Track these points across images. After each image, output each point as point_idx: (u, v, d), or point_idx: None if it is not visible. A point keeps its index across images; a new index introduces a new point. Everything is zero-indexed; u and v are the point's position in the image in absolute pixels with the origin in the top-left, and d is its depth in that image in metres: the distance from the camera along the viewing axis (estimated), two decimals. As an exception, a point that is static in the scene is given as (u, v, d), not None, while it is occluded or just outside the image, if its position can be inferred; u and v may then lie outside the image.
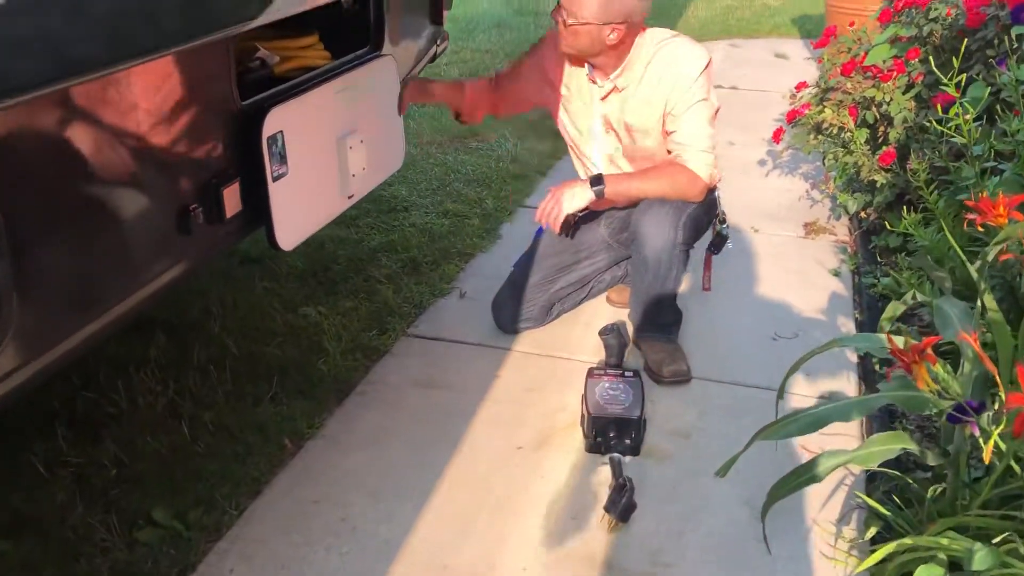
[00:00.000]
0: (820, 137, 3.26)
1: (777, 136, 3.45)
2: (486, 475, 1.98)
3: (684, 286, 2.51)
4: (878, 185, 2.95)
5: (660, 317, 2.39)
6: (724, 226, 2.45)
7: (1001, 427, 1.24)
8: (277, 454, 2.03)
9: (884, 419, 2.10)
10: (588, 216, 2.53)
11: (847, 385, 2.29)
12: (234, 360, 2.36)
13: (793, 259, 3.05)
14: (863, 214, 3.13)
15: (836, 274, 2.92)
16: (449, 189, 3.59)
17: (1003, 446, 1.35)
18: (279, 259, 2.93)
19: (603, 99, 2.33)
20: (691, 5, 7.88)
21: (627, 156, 2.39)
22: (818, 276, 2.92)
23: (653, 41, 2.26)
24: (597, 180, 2.24)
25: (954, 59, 2.13)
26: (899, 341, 1.37)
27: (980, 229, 1.58)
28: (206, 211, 1.75)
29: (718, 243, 2.46)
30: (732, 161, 3.98)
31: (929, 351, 1.28)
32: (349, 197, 2.29)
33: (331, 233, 3.15)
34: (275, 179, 1.94)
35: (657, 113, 2.27)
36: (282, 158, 1.98)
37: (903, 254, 2.75)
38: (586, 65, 2.31)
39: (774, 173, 3.83)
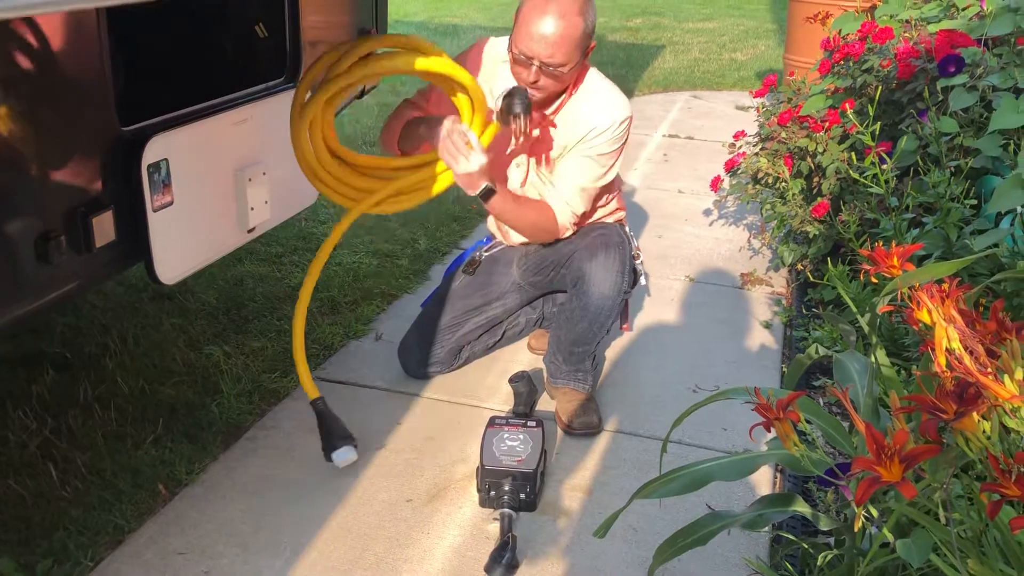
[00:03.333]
0: (758, 187, 3.21)
1: (715, 185, 3.39)
2: (368, 529, 1.86)
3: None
4: (811, 236, 2.89)
5: (580, 365, 2.29)
6: (639, 262, 2.39)
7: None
8: (148, 501, 1.90)
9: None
10: (499, 256, 2.45)
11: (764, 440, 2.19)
12: (123, 399, 2.24)
13: (725, 310, 2.97)
14: (799, 266, 3.06)
15: (767, 326, 2.84)
16: (383, 228, 3.50)
17: (874, 511, 1.26)
18: (192, 295, 2.82)
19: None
20: (659, 56, 7.92)
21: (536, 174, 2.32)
22: (749, 328, 2.84)
23: (588, 80, 2.20)
24: (490, 192, 2.10)
25: (869, 107, 2.08)
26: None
27: (874, 280, 1.51)
28: (71, 240, 1.65)
29: (632, 280, 2.38)
30: (677, 209, 3.93)
31: (793, 408, 1.19)
32: (249, 231, 2.20)
33: (252, 270, 3.05)
34: (156, 209, 1.85)
35: (563, 149, 2.22)
36: (166, 187, 1.88)
37: (831, 307, 2.69)
38: None
39: (718, 223, 3.77)
